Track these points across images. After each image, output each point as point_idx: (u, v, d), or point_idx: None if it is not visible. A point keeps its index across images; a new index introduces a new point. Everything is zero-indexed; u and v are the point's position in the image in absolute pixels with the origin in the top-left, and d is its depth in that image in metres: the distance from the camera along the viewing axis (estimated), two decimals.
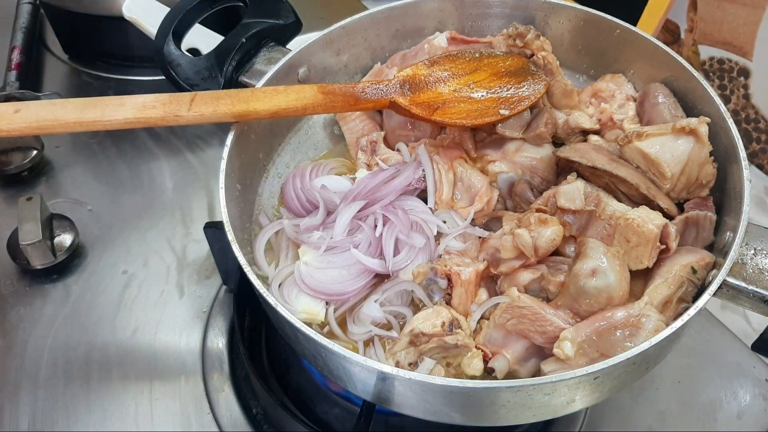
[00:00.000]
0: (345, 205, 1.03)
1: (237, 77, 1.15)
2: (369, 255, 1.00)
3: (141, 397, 1.20)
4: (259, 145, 1.15)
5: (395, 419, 1.15)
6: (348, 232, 1.02)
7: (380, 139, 1.17)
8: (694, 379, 1.25)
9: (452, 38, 1.22)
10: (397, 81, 1.09)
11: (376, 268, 0.99)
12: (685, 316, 0.84)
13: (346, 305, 1.01)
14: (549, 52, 1.14)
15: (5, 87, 1.61)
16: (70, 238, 1.38)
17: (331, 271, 0.99)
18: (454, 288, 0.97)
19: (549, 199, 1.00)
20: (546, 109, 1.10)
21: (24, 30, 1.77)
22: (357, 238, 1.01)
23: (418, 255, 1.01)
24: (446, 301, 0.98)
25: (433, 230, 1.03)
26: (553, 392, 0.84)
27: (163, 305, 1.32)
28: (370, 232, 1.00)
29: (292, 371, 1.23)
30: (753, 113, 1.49)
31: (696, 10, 1.49)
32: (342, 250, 1.01)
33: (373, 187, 1.05)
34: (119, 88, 1.72)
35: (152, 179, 1.54)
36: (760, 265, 0.89)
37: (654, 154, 0.99)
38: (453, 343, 0.92)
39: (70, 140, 1.60)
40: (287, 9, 1.21)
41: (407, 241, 1.00)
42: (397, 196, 1.05)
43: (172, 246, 1.41)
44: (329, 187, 1.08)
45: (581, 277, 0.90)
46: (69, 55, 1.80)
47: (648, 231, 0.92)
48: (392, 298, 1.01)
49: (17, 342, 1.27)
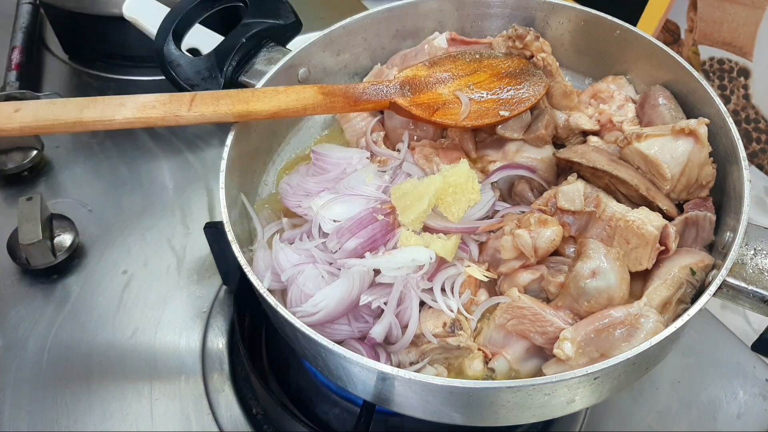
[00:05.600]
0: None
1: (237, 77, 1.15)
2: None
3: (141, 397, 1.20)
4: (260, 145, 1.16)
5: (395, 419, 1.15)
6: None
7: (381, 139, 1.17)
8: (694, 379, 1.25)
9: (452, 39, 1.22)
10: (397, 82, 1.09)
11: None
12: (685, 316, 0.84)
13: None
14: (548, 53, 1.14)
15: (5, 87, 1.62)
16: (70, 238, 1.38)
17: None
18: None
19: (549, 200, 1.00)
20: (547, 111, 1.11)
21: (24, 30, 1.77)
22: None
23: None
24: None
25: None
26: (553, 392, 0.84)
27: (163, 305, 1.32)
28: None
29: (292, 371, 1.23)
30: (753, 113, 1.49)
31: (696, 10, 1.49)
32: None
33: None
34: (119, 88, 1.72)
35: (152, 179, 1.54)
36: (760, 265, 0.89)
37: (654, 155, 0.99)
38: (455, 344, 0.92)
39: (70, 140, 1.60)
40: (287, 9, 1.21)
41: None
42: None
43: (172, 246, 1.41)
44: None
45: (581, 278, 0.90)
46: (69, 55, 1.80)
47: (647, 233, 0.92)
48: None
49: (17, 342, 1.27)
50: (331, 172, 1.09)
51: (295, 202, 1.08)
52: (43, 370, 1.23)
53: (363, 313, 0.98)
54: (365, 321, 0.97)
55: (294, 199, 1.08)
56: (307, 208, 1.05)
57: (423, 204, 0.97)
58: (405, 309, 0.95)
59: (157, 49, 1.15)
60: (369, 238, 0.98)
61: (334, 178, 1.08)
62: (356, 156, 1.10)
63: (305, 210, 1.05)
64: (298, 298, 0.96)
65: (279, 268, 0.99)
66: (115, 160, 1.57)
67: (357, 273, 0.94)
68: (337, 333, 0.96)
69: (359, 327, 0.97)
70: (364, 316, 0.98)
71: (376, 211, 1.00)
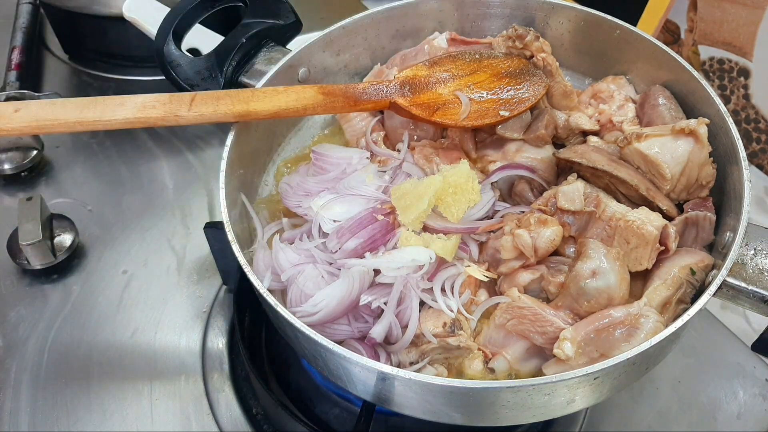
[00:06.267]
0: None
1: (237, 77, 1.15)
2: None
3: (141, 397, 1.20)
4: (260, 145, 1.16)
5: (395, 419, 1.15)
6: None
7: (381, 139, 1.17)
8: (694, 379, 1.25)
9: (452, 39, 1.22)
10: (397, 82, 1.09)
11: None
12: (685, 316, 0.84)
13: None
14: (548, 53, 1.14)
15: (5, 87, 1.62)
16: (70, 238, 1.38)
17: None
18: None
19: (549, 200, 1.00)
20: (547, 111, 1.11)
21: (24, 30, 1.77)
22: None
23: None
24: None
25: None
26: (553, 392, 0.84)
27: (163, 305, 1.32)
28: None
29: (292, 371, 1.23)
30: (753, 113, 1.49)
31: (696, 10, 1.49)
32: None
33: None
34: (119, 88, 1.72)
35: (152, 179, 1.54)
36: (760, 265, 0.89)
37: (654, 156, 0.99)
38: (455, 344, 0.92)
39: (70, 140, 1.60)
40: (287, 9, 1.21)
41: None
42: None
43: (172, 246, 1.41)
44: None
45: (582, 278, 0.90)
46: (69, 55, 1.80)
47: (647, 233, 0.92)
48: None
49: (17, 342, 1.27)
50: (331, 172, 1.09)
51: (295, 202, 1.08)
52: (43, 370, 1.23)
53: (363, 314, 0.98)
54: (365, 321, 0.97)
55: (294, 199, 1.08)
56: (307, 208, 1.05)
57: (423, 204, 0.97)
58: (405, 309, 0.95)
59: (157, 49, 1.15)
60: (369, 238, 0.98)
61: (334, 178, 1.08)
62: (356, 156, 1.10)
63: (305, 210, 1.05)
64: (298, 298, 0.96)
65: (279, 268, 0.99)
66: (115, 160, 1.57)
67: (357, 273, 0.94)
68: (337, 333, 0.96)
69: (359, 327, 0.97)
70: (364, 316, 0.98)
71: (376, 211, 1.00)
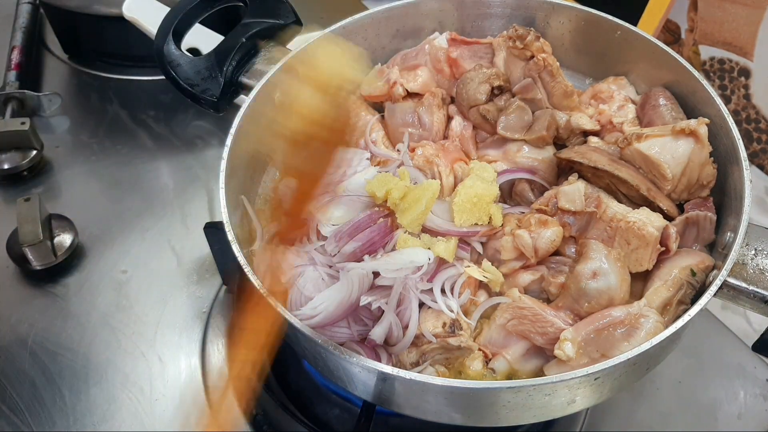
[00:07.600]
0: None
1: (237, 77, 1.14)
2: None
3: (141, 397, 1.20)
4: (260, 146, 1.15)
5: (396, 420, 1.15)
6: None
7: (380, 138, 1.16)
8: (694, 380, 1.25)
9: (452, 39, 1.21)
10: None
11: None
12: (686, 316, 0.84)
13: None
14: (549, 53, 1.13)
15: (5, 87, 1.61)
16: (69, 238, 1.38)
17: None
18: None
19: (549, 200, 1.00)
20: (548, 112, 1.10)
21: (24, 30, 1.77)
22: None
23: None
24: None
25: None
26: (554, 393, 0.84)
27: (163, 305, 1.32)
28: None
29: (292, 371, 1.23)
30: (753, 113, 1.49)
31: (696, 10, 1.49)
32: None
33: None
34: (119, 88, 1.72)
35: (152, 179, 1.53)
36: (761, 265, 0.89)
37: (654, 156, 0.98)
38: (456, 344, 0.92)
39: (70, 140, 1.60)
40: (287, 9, 1.21)
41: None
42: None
43: (172, 246, 1.41)
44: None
45: (582, 279, 0.90)
46: (69, 55, 1.80)
47: (648, 234, 0.92)
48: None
49: (17, 342, 1.27)
50: (331, 175, 1.08)
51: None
52: (43, 370, 1.23)
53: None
54: (365, 324, 0.97)
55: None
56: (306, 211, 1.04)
57: (421, 206, 0.97)
58: (405, 310, 0.95)
59: (157, 48, 1.15)
60: (367, 241, 0.97)
61: (333, 180, 1.07)
62: (356, 157, 1.09)
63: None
64: (297, 300, 0.96)
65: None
66: (115, 160, 1.57)
67: (356, 276, 0.94)
68: (336, 336, 0.96)
69: (359, 330, 0.96)
70: (364, 319, 0.97)
71: (375, 214, 1.00)
